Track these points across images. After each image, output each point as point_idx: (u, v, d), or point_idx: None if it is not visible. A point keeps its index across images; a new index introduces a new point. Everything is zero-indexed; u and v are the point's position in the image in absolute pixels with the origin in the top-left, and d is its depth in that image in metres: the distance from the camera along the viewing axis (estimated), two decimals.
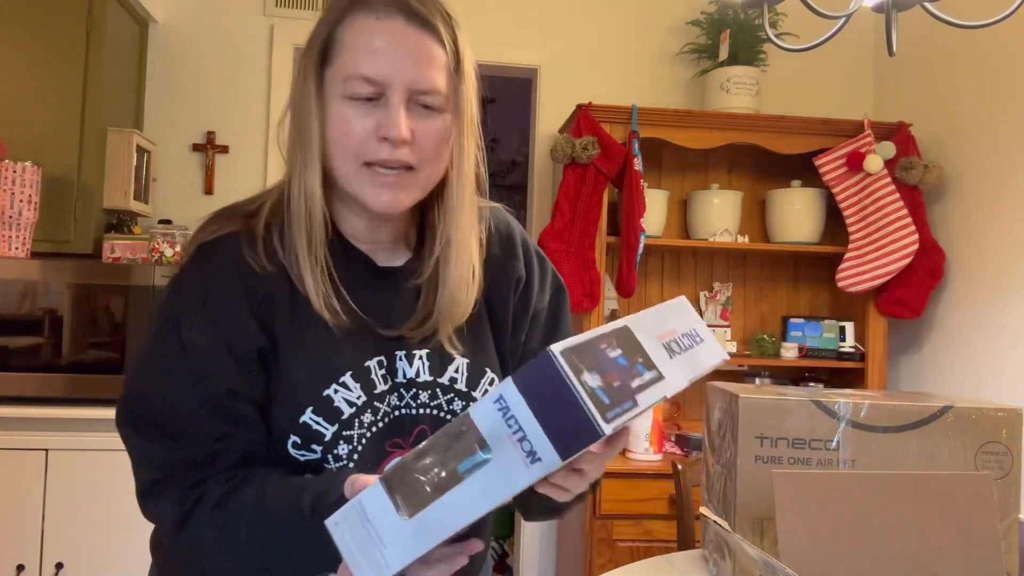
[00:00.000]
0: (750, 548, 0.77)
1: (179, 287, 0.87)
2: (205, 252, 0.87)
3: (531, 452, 0.58)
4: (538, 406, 0.57)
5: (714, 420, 1.17)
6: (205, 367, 0.84)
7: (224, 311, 0.85)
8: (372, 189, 0.85)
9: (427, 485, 0.63)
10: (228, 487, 0.83)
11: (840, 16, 1.44)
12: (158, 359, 0.86)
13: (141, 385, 0.86)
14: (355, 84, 0.83)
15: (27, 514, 2.25)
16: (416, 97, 0.84)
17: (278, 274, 0.86)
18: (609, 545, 2.41)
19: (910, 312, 2.65)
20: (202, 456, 0.84)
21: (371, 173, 0.84)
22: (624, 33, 3.08)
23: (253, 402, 0.86)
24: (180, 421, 0.84)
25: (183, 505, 0.82)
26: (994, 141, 2.47)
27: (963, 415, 1.07)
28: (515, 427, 0.58)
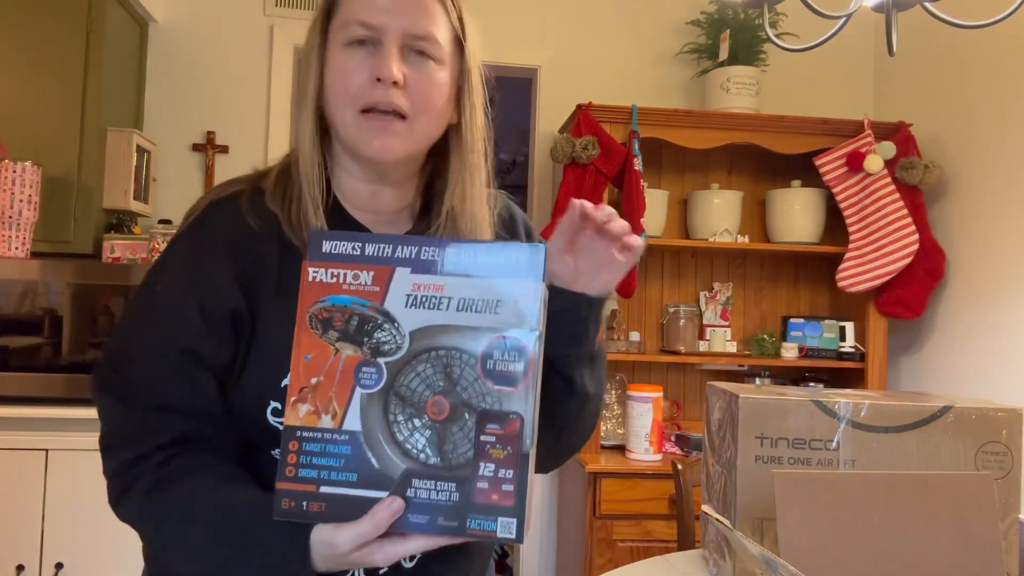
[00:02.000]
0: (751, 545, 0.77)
1: (173, 246, 0.88)
2: (207, 211, 0.88)
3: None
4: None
5: (714, 420, 1.17)
6: (171, 323, 0.83)
7: (204, 270, 0.85)
8: (366, 135, 0.85)
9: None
10: (160, 475, 0.81)
11: (840, 16, 1.44)
12: (130, 317, 0.87)
13: (112, 341, 0.87)
14: (353, 29, 0.85)
15: (27, 514, 2.24)
16: (412, 43, 0.86)
17: (272, 233, 0.86)
18: (609, 545, 2.41)
19: (910, 312, 2.65)
20: (143, 426, 0.82)
21: (367, 119, 0.85)
22: (624, 33, 3.08)
23: (214, 370, 0.84)
24: (133, 381, 0.83)
25: (119, 482, 0.82)
26: (994, 141, 2.47)
27: (963, 415, 1.07)
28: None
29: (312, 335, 0.71)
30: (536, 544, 2.97)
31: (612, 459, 2.51)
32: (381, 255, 0.72)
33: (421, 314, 0.71)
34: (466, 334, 0.70)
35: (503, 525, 0.68)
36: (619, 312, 2.88)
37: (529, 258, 0.71)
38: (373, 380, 0.71)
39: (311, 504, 0.70)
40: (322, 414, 0.70)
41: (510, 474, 0.68)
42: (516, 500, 0.68)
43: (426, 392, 0.70)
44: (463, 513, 0.69)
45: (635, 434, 2.49)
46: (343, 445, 0.70)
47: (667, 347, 2.89)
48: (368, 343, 0.71)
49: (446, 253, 0.71)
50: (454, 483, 0.69)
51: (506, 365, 0.70)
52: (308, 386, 0.71)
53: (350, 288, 0.71)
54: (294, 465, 0.70)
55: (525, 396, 0.69)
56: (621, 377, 2.84)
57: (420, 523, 0.69)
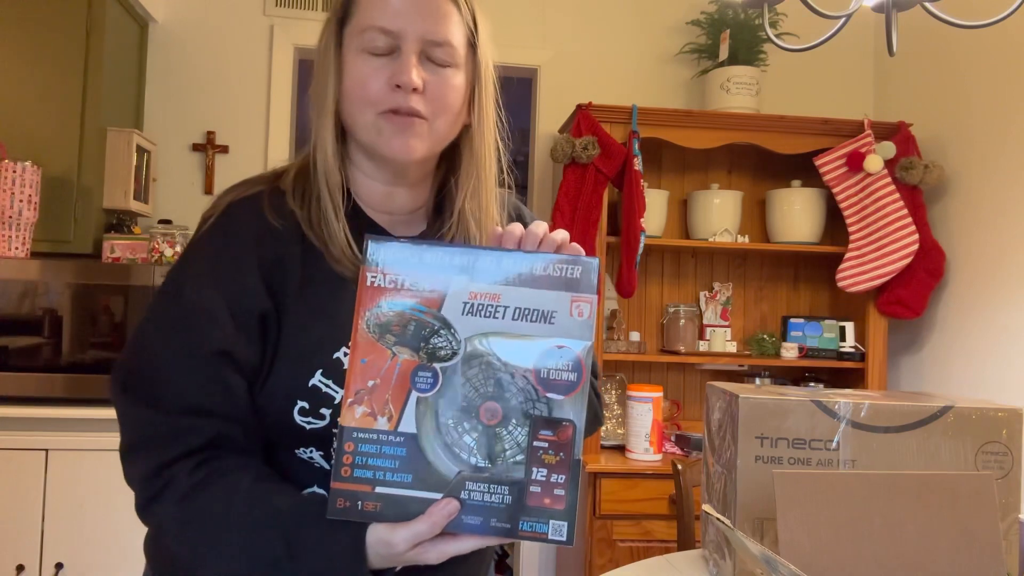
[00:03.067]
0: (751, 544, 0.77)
1: (194, 248, 0.88)
2: (229, 212, 0.88)
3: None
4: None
5: (714, 420, 1.17)
6: (201, 325, 0.83)
7: (231, 271, 0.85)
8: (386, 136, 0.87)
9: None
10: (196, 479, 0.80)
11: (840, 16, 1.44)
12: (156, 319, 0.86)
13: (135, 344, 0.86)
14: (371, 36, 0.86)
15: (27, 514, 2.24)
16: (429, 50, 0.87)
17: (294, 233, 0.87)
18: (609, 545, 2.41)
19: (910, 312, 2.65)
20: (173, 430, 0.81)
21: (387, 120, 0.86)
22: (624, 33, 3.08)
23: (244, 372, 0.84)
24: (162, 384, 0.82)
25: (149, 488, 0.81)
26: (994, 141, 2.47)
27: (963, 415, 1.07)
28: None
29: (369, 339, 0.73)
30: (536, 544, 2.96)
31: (612, 459, 2.51)
32: (440, 262, 0.74)
33: (477, 322, 0.73)
34: (521, 343, 0.73)
35: (554, 528, 0.71)
36: (619, 312, 2.88)
37: (584, 271, 0.74)
38: (429, 384, 0.73)
39: (366, 504, 0.72)
40: (378, 416, 0.72)
41: (562, 479, 0.71)
42: (567, 504, 0.71)
43: (480, 398, 0.72)
44: (516, 515, 0.71)
45: (635, 434, 2.49)
46: (398, 447, 0.72)
47: (667, 347, 2.89)
48: (424, 348, 0.73)
49: (503, 261, 0.74)
50: (507, 486, 0.71)
51: (560, 375, 0.72)
52: (364, 388, 0.73)
53: (408, 293, 0.74)
54: (349, 465, 0.72)
55: (578, 405, 0.72)
56: (621, 377, 2.84)
57: (474, 524, 0.71)
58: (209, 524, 0.79)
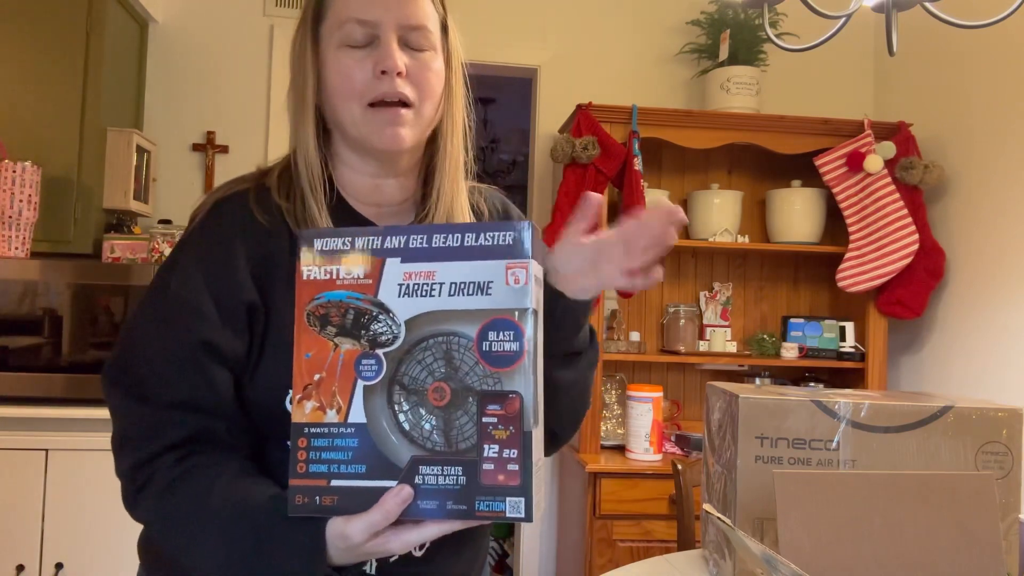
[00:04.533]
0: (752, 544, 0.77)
1: (182, 244, 0.89)
2: (216, 209, 0.89)
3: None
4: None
5: (714, 420, 1.17)
6: (187, 317, 0.84)
7: (218, 265, 0.86)
8: (377, 127, 0.87)
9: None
10: (176, 473, 0.81)
11: (840, 16, 1.44)
12: (143, 314, 0.87)
13: (123, 339, 0.87)
14: (349, 28, 0.87)
15: (27, 514, 2.24)
16: (407, 36, 0.88)
17: (280, 228, 0.88)
18: (609, 545, 2.41)
19: (910, 312, 2.65)
20: (157, 423, 0.83)
21: (375, 112, 0.87)
22: (624, 33, 3.08)
23: (229, 364, 0.85)
24: (148, 378, 0.83)
25: (133, 483, 0.83)
26: (994, 141, 2.47)
27: (963, 415, 1.07)
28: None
29: (311, 332, 0.73)
30: (536, 544, 2.96)
31: (612, 459, 2.51)
32: (370, 247, 0.73)
33: (415, 302, 0.71)
34: (461, 318, 0.71)
35: (511, 505, 0.68)
36: (619, 312, 2.88)
37: (517, 236, 0.71)
38: (373, 372, 0.71)
39: (323, 498, 0.71)
40: (327, 409, 0.72)
41: (514, 454, 0.69)
42: (522, 479, 0.68)
43: (427, 379, 0.71)
44: (471, 496, 0.69)
45: (635, 434, 2.49)
46: (350, 438, 0.71)
47: (667, 347, 2.89)
48: (366, 336, 0.72)
49: (434, 238, 0.72)
50: (460, 467, 0.69)
51: (502, 345, 0.70)
52: (311, 383, 0.72)
53: (344, 283, 0.73)
54: (304, 461, 0.72)
55: (524, 375, 0.69)
56: (621, 377, 2.84)
57: (430, 509, 0.70)
58: (187, 518, 0.80)
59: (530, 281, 0.71)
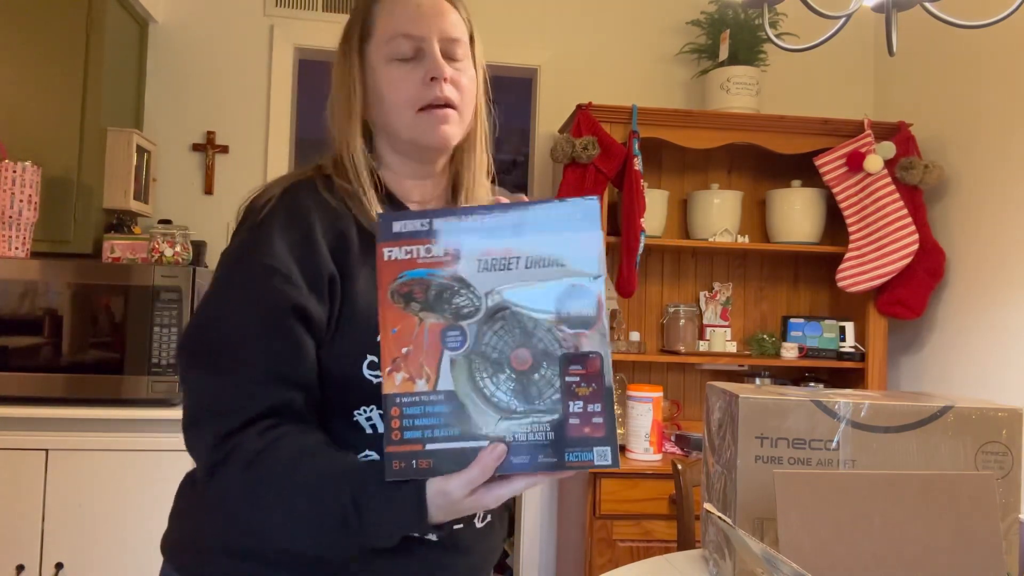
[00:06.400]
0: (752, 543, 0.77)
1: (261, 224, 0.92)
2: (292, 190, 0.95)
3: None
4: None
5: (714, 420, 1.17)
6: (277, 283, 0.87)
7: (299, 236, 0.91)
8: (427, 127, 0.96)
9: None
10: (261, 445, 0.83)
11: (840, 16, 1.44)
12: (225, 286, 0.91)
13: (204, 313, 0.90)
14: (397, 43, 0.97)
15: (27, 514, 2.24)
16: (446, 47, 0.97)
17: (347, 211, 0.95)
18: (609, 545, 2.41)
19: (910, 312, 2.65)
20: (241, 396, 0.85)
21: (426, 115, 0.96)
22: (624, 33, 3.08)
23: (315, 332, 0.89)
24: (235, 349, 0.86)
25: (214, 456, 0.84)
26: (994, 141, 2.47)
27: (963, 415, 1.07)
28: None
29: (395, 309, 0.77)
30: (536, 544, 2.96)
31: None
32: (449, 228, 0.78)
33: (493, 276, 0.77)
34: (538, 288, 0.76)
35: (599, 454, 0.74)
36: (619, 312, 2.88)
37: (584, 211, 0.77)
38: (458, 343, 0.77)
39: (420, 461, 0.76)
40: (416, 379, 0.77)
41: (598, 407, 0.75)
42: (607, 430, 0.74)
43: (508, 347, 0.76)
44: (560, 448, 0.75)
45: (635, 434, 2.49)
46: (440, 404, 0.76)
47: (667, 347, 2.89)
48: (449, 309, 0.77)
49: (508, 217, 0.78)
50: (548, 423, 0.75)
51: (579, 311, 0.76)
52: (400, 356, 0.77)
53: (424, 262, 0.78)
54: (398, 429, 0.76)
55: (600, 336, 0.75)
56: (621, 377, 2.84)
57: (523, 463, 0.75)
58: (276, 486, 0.82)
59: (598, 249, 0.76)
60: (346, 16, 1.05)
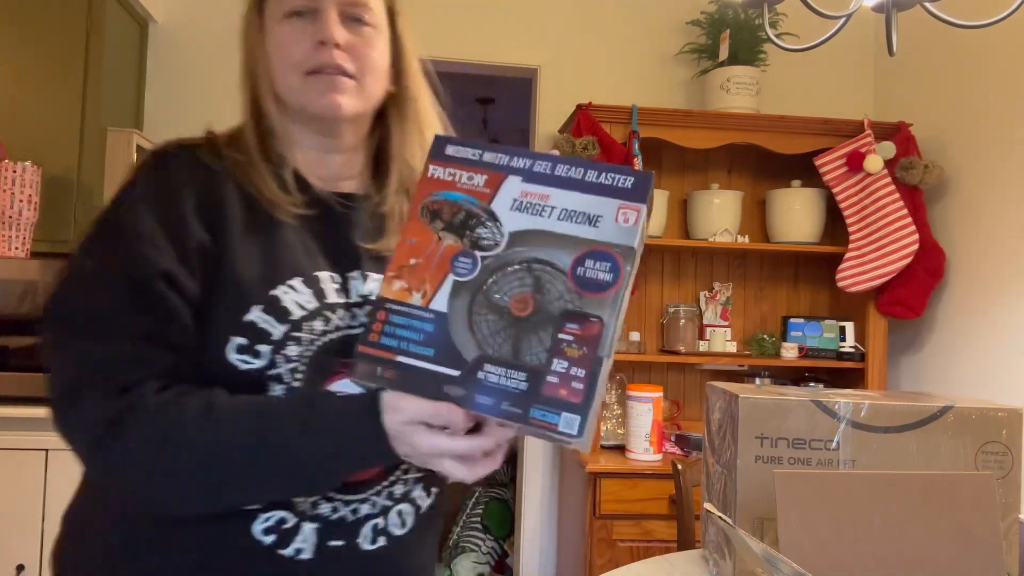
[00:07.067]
0: (752, 542, 0.77)
1: (130, 187, 0.86)
2: (164, 152, 0.89)
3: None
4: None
5: (714, 420, 1.17)
6: (146, 248, 0.80)
7: (168, 203, 0.83)
8: (315, 93, 0.88)
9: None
10: (167, 395, 0.77)
11: (840, 16, 1.44)
12: (93, 250, 0.84)
13: (72, 279, 0.82)
14: (291, 1, 0.89)
15: (27, 514, 2.24)
16: (348, 10, 0.89)
17: (230, 178, 0.88)
18: (609, 545, 2.41)
19: (910, 312, 2.65)
20: (130, 356, 0.78)
21: (315, 79, 0.88)
22: (624, 33, 3.08)
23: (186, 298, 0.81)
24: (108, 313, 0.78)
25: (109, 412, 0.76)
26: (994, 141, 2.47)
27: (963, 415, 1.07)
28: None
29: (420, 222, 0.76)
30: (536, 544, 2.96)
31: (612, 459, 2.51)
32: (498, 163, 0.77)
33: (524, 218, 0.75)
34: (563, 241, 0.74)
35: (566, 420, 0.69)
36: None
37: (636, 181, 0.74)
38: (467, 270, 0.75)
39: (386, 371, 0.73)
40: (413, 292, 0.75)
41: (582, 373, 0.70)
42: (584, 399, 0.69)
43: (513, 289, 0.73)
44: (529, 402, 0.70)
45: (635, 434, 2.49)
46: (427, 323, 0.74)
47: (667, 347, 2.89)
48: (469, 236, 0.75)
49: (558, 166, 0.76)
50: (525, 372, 0.71)
51: (596, 273, 0.72)
52: (406, 265, 0.76)
53: (463, 187, 0.77)
54: (378, 332, 0.74)
55: (610, 305, 0.71)
56: (621, 377, 2.84)
57: (486, 404, 0.71)
58: (197, 426, 0.76)
59: (639, 223, 0.73)
60: None
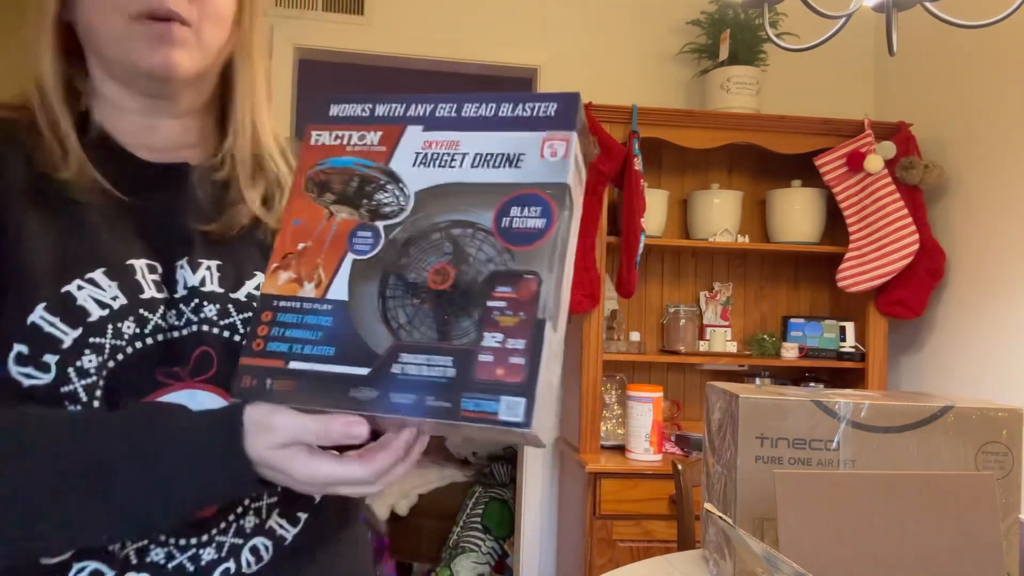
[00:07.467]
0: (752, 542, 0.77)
1: None
2: None
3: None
4: None
5: (714, 420, 1.17)
6: None
7: None
8: (143, 45, 0.70)
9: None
10: None
11: (840, 16, 1.44)
12: None
13: None
14: None
15: None
16: None
17: (14, 143, 0.72)
18: (609, 545, 2.41)
19: (910, 312, 2.65)
20: None
21: (142, 26, 0.70)
22: (624, 33, 3.08)
23: None
24: None
25: None
26: (995, 141, 2.47)
27: (963, 415, 1.07)
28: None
29: (306, 198, 0.64)
30: (536, 544, 2.96)
31: (612, 459, 2.51)
32: (392, 115, 0.65)
33: (431, 172, 0.63)
34: (480, 191, 0.61)
35: (507, 406, 0.55)
36: (619, 312, 2.88)
37: (561, 107, 0.62)
38: (368, 246, 0.62)
39: (277, 382, 0.59)
40: (305, 282, 0.62)
41: (521, 344, 0.56)
42: (527, 376, 0.55)
43: (429, 259, 0.61)
44: (458, 391, 0.56)
45: (635, 434, 2.49)
46: (324, 316, 0.61)
47: (667, 347, 2.89)
48: (367, 205, 0.63)
49: (464, 107, 0.64)
50: (451, 357, 0.57)
51: (524, 222, 0.60)
52: (293, 252, 0.63)
53: (354, 149, 0.65)
54: (263, 338, 0.61)
55: (546, 256, 0.58)
56: (621, 377, 2.84)
57: (405, 404, 0.56)
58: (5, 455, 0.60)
59: (570, 155, 0.61)
60: (347, 16, 0.95)
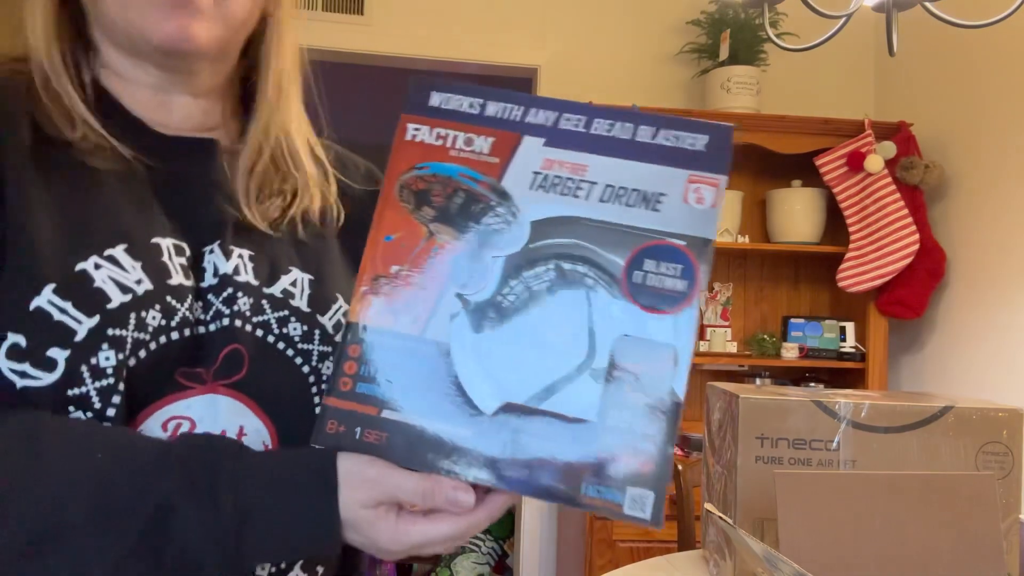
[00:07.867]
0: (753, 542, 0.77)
1: None
2: None
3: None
4: None
5: (714, 420, 1.17)
6: None
7: None
8: (154, 13, 0.60)
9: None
10: None
11: (840, 16, 1.44)
12: None
13: None
14: None
15: None
16: None
17: (19, 99, 0.62)
18: (609, 545, 2.41)
19: (911, 312, 2.65)
20: None
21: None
22: (624, 33, 3.08)
23: None
24: None
25: None
26: (995, 141, 2.47)
27: (964, 415, 1.07)
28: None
29: (400, 210, 0.53)
30: (536, 544, 2.96)
31: None
32: (507, 117, 0.54)
33: (551, 200, 0.53)
34: (610, 234, 0.52)
35: (634, 499, 0.48)
36: None
37: (712, 140, 0.53)
38: (473, 280, 0.53)
39: (368, 432, 0.51)
40: (400, 315, 0.52)
41: (653, 430, 0.49)
42: (657, 466, 0.49)
43: (544, 308, 0.52)
44: (578, 475, 0.49)
45: None
46: (422, 359, 0.51)
47: None
48: (473, 229, 0.53)
49: (595, 122, 0.54)
50: (571, 432, 0.50)
51: (661, 280, 0.51)
52: (387, 275, 0.53)
53: (460, 155, 0.54)
54: (352, 377, 0.52)
55: (685, 325, 0.51)
56: None
57: (518, 479, 0.50)
58: (9, 465, 0.50)
59: (719, 204, 0.52)
60: (347, 16, 0.91)
